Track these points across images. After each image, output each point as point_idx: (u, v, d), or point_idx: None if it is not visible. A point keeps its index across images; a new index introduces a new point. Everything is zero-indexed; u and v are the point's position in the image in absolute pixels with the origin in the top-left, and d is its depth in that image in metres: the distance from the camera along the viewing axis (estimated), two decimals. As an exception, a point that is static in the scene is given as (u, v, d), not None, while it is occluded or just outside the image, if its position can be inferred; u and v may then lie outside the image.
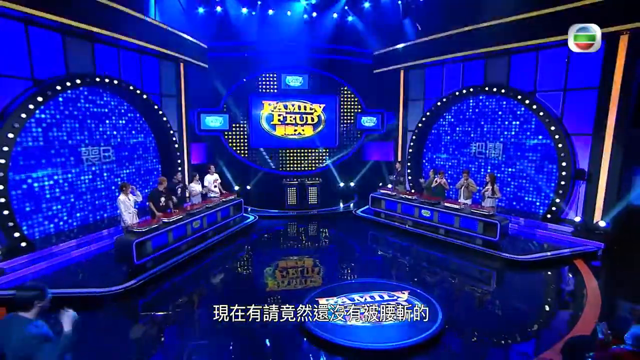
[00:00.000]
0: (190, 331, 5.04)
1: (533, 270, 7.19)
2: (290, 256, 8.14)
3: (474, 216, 8.08)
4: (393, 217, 10.12)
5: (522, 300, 5.97)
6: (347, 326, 4.89)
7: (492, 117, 10.68)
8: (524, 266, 7.24)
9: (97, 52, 8.38)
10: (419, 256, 8.15)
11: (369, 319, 5.00)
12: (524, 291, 6.38)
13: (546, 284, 6.82)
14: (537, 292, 6.39)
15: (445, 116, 11.89)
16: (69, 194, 8.20)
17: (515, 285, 6.65)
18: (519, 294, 6.28)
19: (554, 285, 6.84)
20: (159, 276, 6.52)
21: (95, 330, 4.93)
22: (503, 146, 10.48)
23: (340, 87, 13.48)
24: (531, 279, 6.86)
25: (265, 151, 13.25)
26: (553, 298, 6.31)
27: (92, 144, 8.72)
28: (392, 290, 5.85)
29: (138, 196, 7.20)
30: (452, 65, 11.30)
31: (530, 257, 7.42)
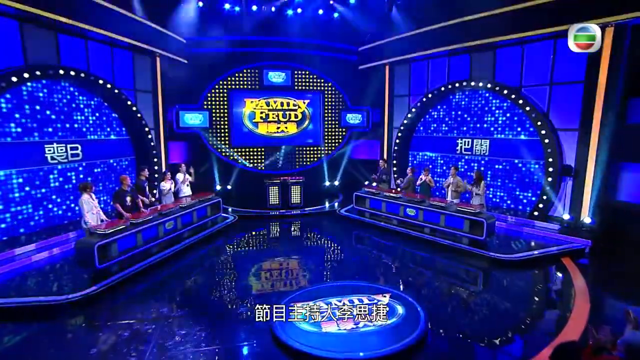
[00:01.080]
0: (151, 343, 4.59)
1: (520, 269, 6.90)
2: (268, 258, 7.71)
3: (460, 214, 7.78)
4: (378, 216, 9.78)
5: (509, 301, 5.66)
6: (322, 334, 4.50)
7: (478, 113, 10.43)
8: (511, 265, 6.95)
9: (61, 42, 7.84)
10: (403, 257, 7.81)
11: (345, 326, 4.64)
12: (511, 292, 6.09)
13: (534, 284, 6.54)
14: (525, 293, 6.10)
15: (431, 112, 11.61)
16: (30, 195, 7.63)
17: (502, 286, 6.34)
18: (506, 294, 5.98)
19: (542, 285, 6.56)
20: (124, 281, 6.03)
21: (41, 345, 4.45)
22: (489, 142, 10.24)
23: (324, 84, 13.11)
24: (518, 279, 6.56)
25: (247, 149, 12.80)
26: (541, 298, 6.02)
27: (59, 142, 8.17)
28: (372, 293, 5.49)
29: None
30: (437, 60, 11.02)
31: (517, 256, 7.13)
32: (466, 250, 7.52)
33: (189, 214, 8.38)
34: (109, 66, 9.16)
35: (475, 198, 8.09)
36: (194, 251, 7.77)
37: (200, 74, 11.82)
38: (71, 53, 8.08)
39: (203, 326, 4.90)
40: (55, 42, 7.74)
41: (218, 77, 12.14)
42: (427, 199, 8.71)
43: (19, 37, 7.04)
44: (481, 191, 8.03)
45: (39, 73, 7.24)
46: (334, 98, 13.29)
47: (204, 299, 5.77)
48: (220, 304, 5.65)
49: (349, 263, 7.38)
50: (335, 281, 6.33)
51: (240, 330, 4.87)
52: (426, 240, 8.26)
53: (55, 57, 7.73)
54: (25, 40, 7.12)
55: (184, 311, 5.36)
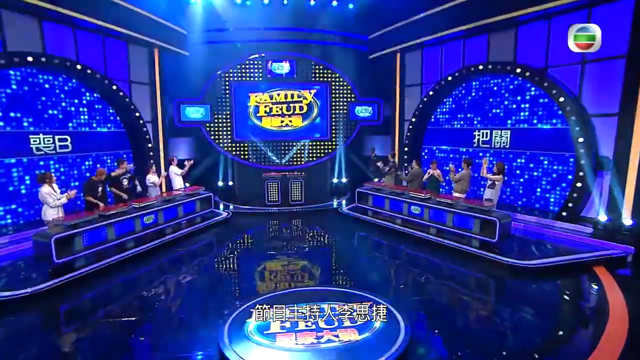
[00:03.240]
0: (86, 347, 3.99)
1: (540, 278, 5.72)
2: (247, 258, 7.00)
3: (470, 212, 6.68)
4: (380, 214, 8.81)
5: (522, 319, 4.54)
6: (276, 349, 3.69)
7: (497, 100, 9.20)
8: (529, 274, 5.78)
9: (46, 30, 7.59)
10: (400, 260, 6.80)
11: (304, 340, 3.80)
12: (525, 307, 4.88)
13: (556, 298, 5.32)
14: (544, 308, 4.87)
15: (445, 102, 10.47)
16: (11, 187, 7.42)
17: (515, 299, 5.19)
18: (519, 310, 4.81)
19: (566, 299, 5.31)
20: (82, 278, 5.51)
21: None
22: (510, 133, 8.97)
23: (331, 75, 12.29)
24: (537, 291, 5.39)
25: (251, 144, 12.23)
26: (564, 316, 4.83)
27: (45, 132, 7.94)
28: (350, 302, 4.60)
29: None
30: (451, 43, 9.89)
31: (536, 262, 5.94)
32: (475, 254, 6.41)
33: (174, 209, 7.86)
34: (101, 56, 8.87)
35: (487, 192, 6.95)
36: (174, 248, 7.19)
37: (202, 66, 11.37)
38: (58, 41, 7.82)
39: (140, 333, 4.25)
40: (40, 29, 7.49)
41: (220, 69, 11.65)
42: (435, 195, 7.65)
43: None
44: (496, 189, 6.89)
45: (16, 59, 6.97)
46: (342, 90, 12.43)
47: (159, 301, 5.13)
48: (176, 307, 4.99)
49: (335, 266, 6.51)
50: (311, 286, 5.47)
51: (185, 339, 4.16)
52: (431, 242, 7.21)
53: (39, 45, 7.48)
54: (5, 27, 6.88)
55: (129, 314, 4.71)
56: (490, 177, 6.95)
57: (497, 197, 7.02)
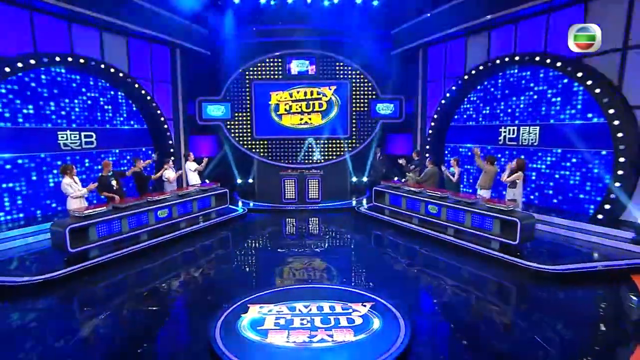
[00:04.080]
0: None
1: (567, 286, 5.21)
2: (255, 254, 6.97)
3: (489, 212, 6.24)
4: (397, 213, 8.49)
5: (543, 329, 4.09)
6: (265, 345, 3.58)
7: (525, 94, 8.60)
8: (555, 280, 5.28)
9: (74, 32, 7.98)
10: (413, 261, 6.45)
11: (296, 338, 3.65)
12: (548, 317, 4.39)
13: (584, 308, 4.78)
14: (569, 319, 4.36)
15: (469, 98, 9.95)
16: (39, 179, 7.83)
17: (535, 308, 4.73)
18: (540, 320, 4.35)
19: (596, 310, 4.78)
20: (94, 267, 5.69)
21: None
22: (540, 129, 8.34)
23: (351, 72, 12.06)
24: (562, 299, 4.91)
25: (270, 141, 12.25)
26: (592, 328, 4.31)
27: (72, 129, 8.34)
28: (351, 301, 4.40)
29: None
30: (476, 35, 9.37)
31: (564, 268, 5.42)
32: (495, 257, 5.97)
33: (188, 203, 7.99)
34: (124, 55, 9.21)
35: (509, 192, 6.47)
36: (188, 242, 7.28)
37: (223, 64, 11.56)
38: (85, 42, 8.20)
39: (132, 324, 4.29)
40: (69, 31, 7.88)
41: (240, 68, 11.77)
42: (453, 194, 7.24)
43: (29, 25, 7.22)
44: (518, 187, 6.40)
45: (46, 60, 7.38)
46: (363, 87, 12.16)
47: (164, 292, 5.17)
48: (177, 298, 5.01)
49: (343, 264, 6.30)
50: (314, 283, 5.30)
51: (177, 331, 4.15)
52: (448, 243, 6.82)
53: (68, 46, 7.87)
54: (36, 28, 7.30)
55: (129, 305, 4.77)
56: (509, 179, 6.45)
57: (520, 196, 6.51)
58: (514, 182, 6.42)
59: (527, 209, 7.63)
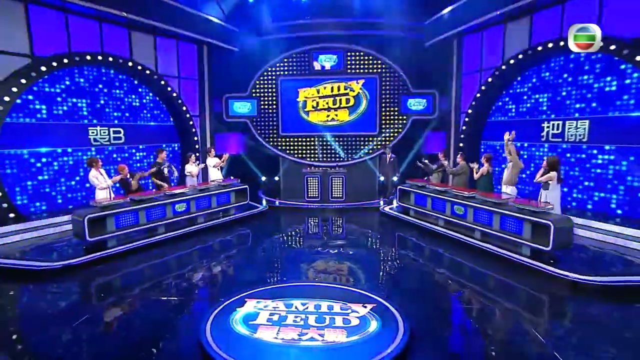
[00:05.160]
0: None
1: (606, 300, 4.70)
2: (268, 250, 7.01)
3: (519, 214, 5.80)
4: (423, 214, 8.18)
5: (580, 352, 3.69)
6: (252, 340, 3.59)
7: (573, 83, 7.92)
8: (595, 293, 4.78)
9: (105, 31, 8.62)
10: (431, 265, 6.16)
11: (285, 335, 3.63)
12: (587, 337, 3.95)
13: (632, 326, 4.25)
14: (613, 340, 3.89)
15: (510, 89, 9.36)
16: (72, 172, 8.51)
17: (572, 323, 4.31)
18: (579, 340, 3.93)
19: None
20: (108, 257, 6.05)
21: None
22: (589, 124, 7.64)
23: (381, 66, 11.85)
24: (595, 314, 4.43)
25: (296, 139, 12.36)
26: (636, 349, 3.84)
27: (102, 125, 8.99)
28: (351, 302, 4.30)
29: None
30: (516, 21, 8.79)
31: (608, 280, 4.89)
32: (524, 265, 5.54)
33: (207, 198, 8.28)
34: (152, 53, 9.76)
35: (542, 193, 5.96)
36: (202, 236, 7.54)
37: (249, 60, 11.84)
38: (114, 41, 8.82)
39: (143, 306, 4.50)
40: (100, 30, 8.53)
41: (267, 64, 12.01)
42: (481, 193, 6.83)
43: (64, 26, 7.90)
44: (552, 189, 5.89)
45: (77, 59, 8.02)
46: (393, 82, 11.89)
47: (172, 283, 5.38)
48: (182, 289, 5.18)
49: (355, 265, 6.16)
50: (316, 282, 5.24)
51: (172, 322, 4.29)
52: (474, 247, 6.45)
53: (98, 45, 8.52)
54: (70, 29, 7.97)
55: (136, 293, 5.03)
56: (541, 180, 5.95)
57: (557, 199, 5.98)
58: (546, 182, 5.91)
59: (578, 215, 7.04)
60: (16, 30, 7.25)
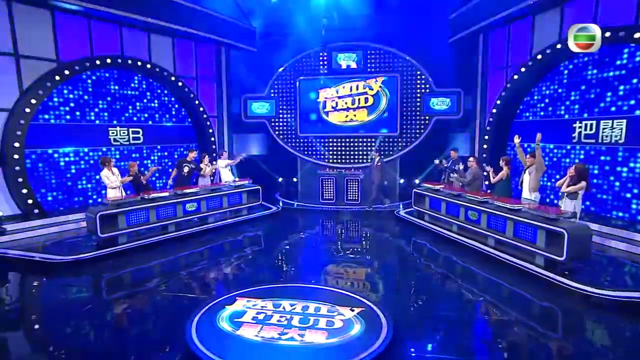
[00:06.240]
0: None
1: (625, 316, 4.47)
2: (272, 252, 7.25)
3: (533, 221, 5.62)
4: (437, 219, 8.08)
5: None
6: (233, 336, 3.79)
7: (607, 80, 7.52)
8: (608, 307, 4.56)
9: (124, 35, 9.27)
10: (437, 272, 6.09)
11: (266, 333, 3.80)
12: (597, 353, 3.84)
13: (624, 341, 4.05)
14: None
15: (539, 87, 9.02)
16: (92, 171, 9.19)
17: (584, 342, 4.15)
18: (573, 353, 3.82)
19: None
20: (118, 253, 6.52)
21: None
22: (627, 123, 7.22)
23: (402, 64, 11.78)
24: (618, 332, 4.22)
25: (315, 140, 12.55)
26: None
27: (122, 125, 9.65)
28: (340, 304, 4.40)
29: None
30: (545, 13, 8.47)
31: (626, 296, 4.65)
32: (537, 275, 5.37)
33: (218, 198, 8.65)
34: (170, 55, 10.34)
35: (567, 203, 5.70)
36: (209, 236, 7.88)
37: (268, 61, 12.20)
38: (134, 44, 9.46)
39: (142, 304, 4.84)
40: (120, 35, 9.19)
41: (286, 63, 12.30)
42: (496, 198, 6.65)
43: (87, 31, 8.60)
44: (579, 197, 5.64)
45: (98, 62, 8.70)
46: (415, 80, 11.78)
47: (176, 279, 5.72)
48: (184, 285, 5.50)
49: (357, 268, 6.23)
50: (310, 284, 5.35)
51: (165, 315, 4.59)
52: (486, 255, 6.31)
53: (119, 49, 9.18)
54: (92, 33, 8.67)
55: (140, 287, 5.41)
56: (569, 190, 5.69)
57: (579, 209, 5.71)
58: (575, 192, 5.65)
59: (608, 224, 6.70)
60: (42, 36, 7.98)
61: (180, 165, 8.54)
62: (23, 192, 7.70)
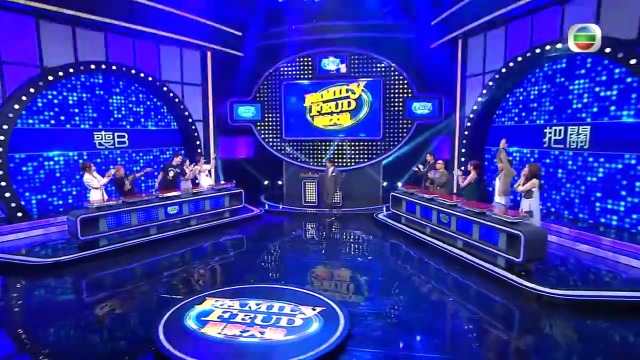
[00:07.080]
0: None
1: (576, 315, 4.74)
2: (245, 254, 7.54)
3: (495, 224, 5.91)
4: (413, 222, 8.37)
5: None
6: (197, 334, 4.04)
7: (573, 87, 7.86)
8: (561, 307, 4.83)
9: (110, 41, 9.49)
10: (402, 274, 6.37)
11: (228, 331, 4.06)
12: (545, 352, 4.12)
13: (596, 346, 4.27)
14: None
15: (514, 93, 9.34)
16: (76, 175, 9.38)
17: (530, 340, 4.42)
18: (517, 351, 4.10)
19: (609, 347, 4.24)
20: (99, 255, 6.75)
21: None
22: (591, 130, 7.55)
23: (385, 69, 12.10)
24: (566, 332, 4.50)
25: (299, 143, 12.84)
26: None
27: (107, 129, 9.87)
28: (302, 304, 4.66)
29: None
30: (518, 22, 8.79)
31: (576, 294, 4.94)
32: (497, 277, 5.64)
33: (200, 201, 8.88)
34: (156, 61, 10.58)
35: (524, 202, 6.03)
36: (189, 239, 8.09)
37: (253, 65, 12.46)
38: (119, 50, 9.68)
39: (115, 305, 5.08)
40: (104, 40, 9.42)
41: (271, 68, 12.58)
42: (465, 202, 6.94)
43: (72, 37, 8.82)
44: (535, 196, 5.94)
45: (82, 68, 8.93)
46: (398, 85, 12.11)
47: (153, 280, 5.96)
48: (160, 285, 5.73)
49: (328, 270, 6.49)
50: (279, 284, 5.60)
51: (136, 315, 4.83)
52: (455, 258, 6.57)
53: (103, 54, 9.41)
54: (76, 40, 8.89)
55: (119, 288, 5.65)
56: (523, 188, 6.00)
57: (537, 208, 6.02)
58: (529, 191, 5.96)
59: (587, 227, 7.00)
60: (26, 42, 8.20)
61: (166, 170, 8.81)
62: (6, 195, 7.90)
